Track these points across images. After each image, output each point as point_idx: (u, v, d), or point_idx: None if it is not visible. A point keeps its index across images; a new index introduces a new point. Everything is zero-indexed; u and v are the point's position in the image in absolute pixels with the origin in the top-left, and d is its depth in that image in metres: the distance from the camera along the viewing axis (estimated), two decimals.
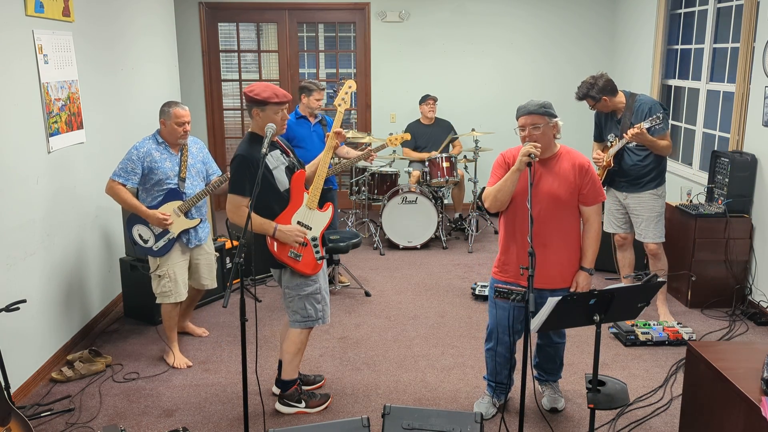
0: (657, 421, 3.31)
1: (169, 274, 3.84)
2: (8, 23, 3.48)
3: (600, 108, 4.25)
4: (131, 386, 3.70)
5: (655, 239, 4.33)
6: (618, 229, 4.51)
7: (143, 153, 3.75)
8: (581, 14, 7.31)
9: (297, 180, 3.21)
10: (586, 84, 4.17)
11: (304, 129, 4.92)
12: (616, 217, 4.49)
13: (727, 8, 5.32)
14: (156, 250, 3.81)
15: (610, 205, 4.50)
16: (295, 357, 3.36)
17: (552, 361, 3.43)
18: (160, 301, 3.91)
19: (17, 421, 2.75)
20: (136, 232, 3.82)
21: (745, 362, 2.60)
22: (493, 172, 3.20)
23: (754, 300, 4.60)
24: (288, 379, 3.40)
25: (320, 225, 3.26)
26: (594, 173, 3.13)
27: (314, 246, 3.22)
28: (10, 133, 3.49)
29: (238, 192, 3.10)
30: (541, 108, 3.03)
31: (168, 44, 6.33)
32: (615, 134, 4.28)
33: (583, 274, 3.15)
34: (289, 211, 3.19)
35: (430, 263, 5.85)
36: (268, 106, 3.11)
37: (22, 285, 3.57)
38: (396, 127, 7.32)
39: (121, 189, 3.73)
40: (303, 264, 3.19)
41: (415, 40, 7.36)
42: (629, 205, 4.37)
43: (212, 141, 7.67)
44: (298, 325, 3.30)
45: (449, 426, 2.61)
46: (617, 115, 4.26)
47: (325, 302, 3.34)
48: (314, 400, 3.45)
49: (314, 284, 3.27)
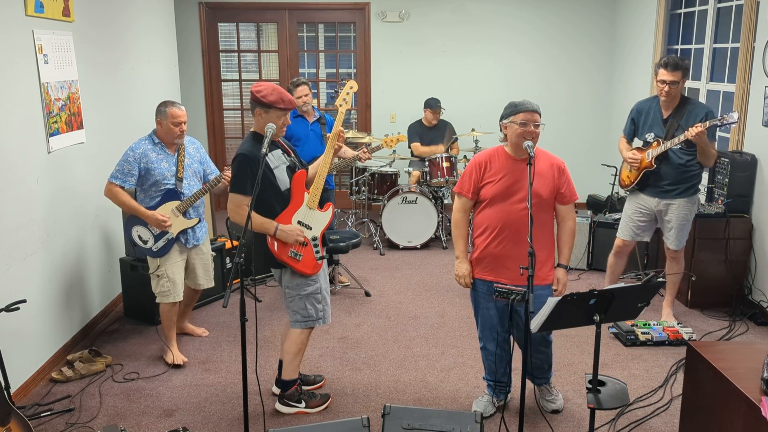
0: (657, 421, 3.31)
1: (168, 275, 3.84)
2: (8, 23, 3.48)
3: (673, 92, 3.98)
4: (131, 386, 3.70)
5: (680, 246, 4.24)
6: (635, 237, 4.34)
7: (139, 154, 3.74)
8: (581, 14, 7.31)
9: (298, 179, 3.21)
10: (682, 58, 3.97)
11: (301, 127, 4.92)
12: (636, 225, 4.30)
13: (727, 8, 5.32)
14: (155, 251, 3.81)
15: (631, 211, 4.31)
16: (295, 357, 3.36)
17: (540, 368, 3.40)
18: (159, 300, 3.92)
19: (17, 421, 2.75)
20: (136, 234, 3.82)
21: (745, 362, 2.60)
22: (464, 176, 3.23)
23: (754, 300, 4.60)
24: (288, 379, 3.40)
25: (321, 225, 3.26)
26: (568, 173, 3.21)
27: (314, 246, 3.22)
28: (10, 133, 3.49)
29: (239, 191, 3.11)
30: (539, 108, 3.07)
31: (168, 44, 6.33)
32: (657, 134, 4.10)
33: (561, 270, 3.21)
34: (289, 210, 3.19)
35: (430, 263, 5.85)
36: (272, 110, 3.11)
37: (22, 285, 3.57)
38: (396, 127, 7.32)
39: (119, 191, 3.73)
40: (303, 264, 3.19)
41: (415, 40, 7.36)
42: (662, 212, 4.18)
43: (212, 141, 7.68)
44: (299, 325, 3.30)
45: (449, 426, 2.61)
46: (664, 115, 4.10)
47: (325, 302, 3.34)
48: (314, 401, 3.45)
49: (315, 284, 3.26)
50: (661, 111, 4.12)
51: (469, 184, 3.21)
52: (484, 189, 3.17)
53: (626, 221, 4.36)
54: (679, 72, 3.95)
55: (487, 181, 3.16)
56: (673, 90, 3.98)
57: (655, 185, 4.16)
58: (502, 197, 3.11)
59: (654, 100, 4.21)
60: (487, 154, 3.20)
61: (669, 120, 4.08)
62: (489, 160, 3.18)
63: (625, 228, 4.37)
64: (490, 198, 3.14)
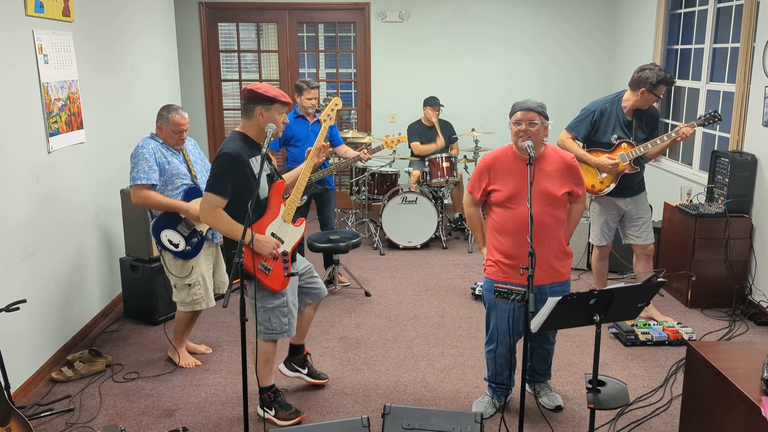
0: (657, 421, 3.31)
1: (200, 281, 3.75)
2: (8, 23, 3.48)
3: (648, 102, 4.07)
4: (131, 386, 3.70)
5: (653, 240, 4.32)
6: (609, 240, 4.40)
7: (152, 149, 3.64)
8: (581, 14, 7.31)
9: (276, 189, 3.09)
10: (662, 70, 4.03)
11: (302, 128, 4.93)
12: (609, 228, 4.36)
13: (727, 8, 5.31)
14: (188, 252, 3.70)
15: (604, 218, 4.33)
16: (264, 366, 3.25)
17: (543, 362, 3.43)
18: (188, 309, 3.79)
19: (17, 421, 2.75)
20: (165, 238, 3.67)
21: (745, 362, 2.60)
22: (475, 177, 3.24)
23: (754, 300, 4.60)
24: (262, 386, 3.30)
25: (293, 239, 3.15)
26: (579, 167, 3.23)
27: (284, 261, 3.08)
28: (10, 133, 3.49)
29: (217, 192, 2.95)
30: (539, 107, 3.08)
31: (168, 44, 6.33)
32: (620, 136, 4.12)
33: None
34: (264, 220, 3.05)
35: (430, 263, 5.85)
36: (274, 105, 3.04)
37: (22, 285, 3.57)
38: (396, 127, 7.32)
39: (150, 192, 3.59)
40: (271, 279, 3.05)
41: (415, 39, 7.36)
42: (630, 211, 4.26)
43: (212, 141, 7.68)
44: (262, 335, 3.18)
45: (449, 426, 2.61)
46: (628, 117, 4.14)
47: (291, 315, 3.20)
48: (283, 413, 3.31)
49: (281, 297, 3.13)
50: (624, 113, 4.17)
51: (479, 186, 3.23)
52: (493, 195, 3.17)
53: (602, 227, 4.36)
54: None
55: (495, 187, 3.16)
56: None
57: (628, 187, 4.21)
58: (512, 201, 3.10)
59: (615, 102, 4.20)
60: (495, 156, 3.19)
61: (633, 122, 4.15)
62: (496, 163, 3.17)
63: (600, 235, 4.38)
64: (500, 202, 3.14)
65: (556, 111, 7.62)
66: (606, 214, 4.32)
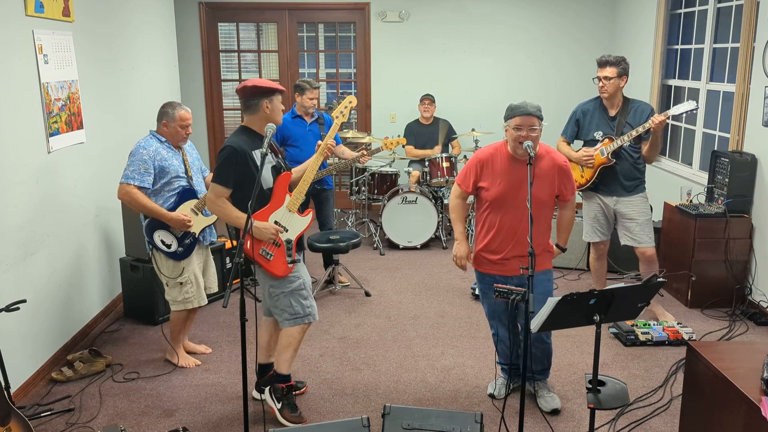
0: (657, 421, 3.31)
1: (191, 279, 3.76)
2: (8, 23, 3.48)
3: (611, 89, 4.12)
4: (131, 386, 3.70)
5: (652, 243, 4.28)
6: (603, 237, 4.39)
7: (153, 151, 3.62)
8: (581, 14, 7.31)
9: (282, 181, 3.21)
10: (617, 57, 4.14)
11: (300, 128, 4.93)
12: (600, 224, 4.37)
13: (727, 8, 5.31)
14: (181, 253, 3.71)
15: (593, 213, 4.36)
16: (285, 350, 3.29)
17: (540, 362, 3.44)
18: (180, 308, 3.80)
19: (17, 421, 2.75)
20: (158, 239, 3.67)
21: (745, 362, 2.60)
22: (465, 172, 3.28)
23: (754, 300, 4.60)
24: (281, 372, 3.32)
25: (298, 229, 3.24)
26: (570, 172, 3.27)
27: (288, 249, 3.16)
28: (10, 133, 3.49)
29: (222, 182, 3.10)
30: (538, 111, 3.09)
31: (168, 44, 6.33)
32: (605, 132, 4.19)
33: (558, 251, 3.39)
34: (268, 209, 3.17)
35: (430, 263, 5.85)
36: (275, 95, 3.16)
37: (22, 285, 3.57)
38: (396, 127, 7.32)
39: (137, 193, 3.58)
40: (273, 264, 3.14)
41: (415, 39, 7.36)
42: (620, 211, 4.25)
43: (212, 141, 7.68)
44: (288, 323, 3.25)
45: (449, 426, 2.61)
46: (610, 113, 4.21)
47: (311, 297, 3.31)
48: (288, 413, 3.32)
49: (298, 279, 3.23)
50: (607, 110, 4.23)
51: (468, 180, 3.28)
52: (483, 192, 3.22)
53: (591, 224, 4.39)
54: (613, 68, 4.12)
55: (484, 185, 3.21)
56: (609, 86, 4.13)
57: (611, 184, 4.24)
58: (503, 200, 3.17)
59: (596, 101, 4.31)
60: (489, 152, 3.23)
61: (617, 118, 4.19)
62: (490, 160, 3.20)
63: (591, 231, 4.41)
64: (491, 200, 3.20)
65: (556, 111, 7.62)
66: (593, 211, 4.37)
